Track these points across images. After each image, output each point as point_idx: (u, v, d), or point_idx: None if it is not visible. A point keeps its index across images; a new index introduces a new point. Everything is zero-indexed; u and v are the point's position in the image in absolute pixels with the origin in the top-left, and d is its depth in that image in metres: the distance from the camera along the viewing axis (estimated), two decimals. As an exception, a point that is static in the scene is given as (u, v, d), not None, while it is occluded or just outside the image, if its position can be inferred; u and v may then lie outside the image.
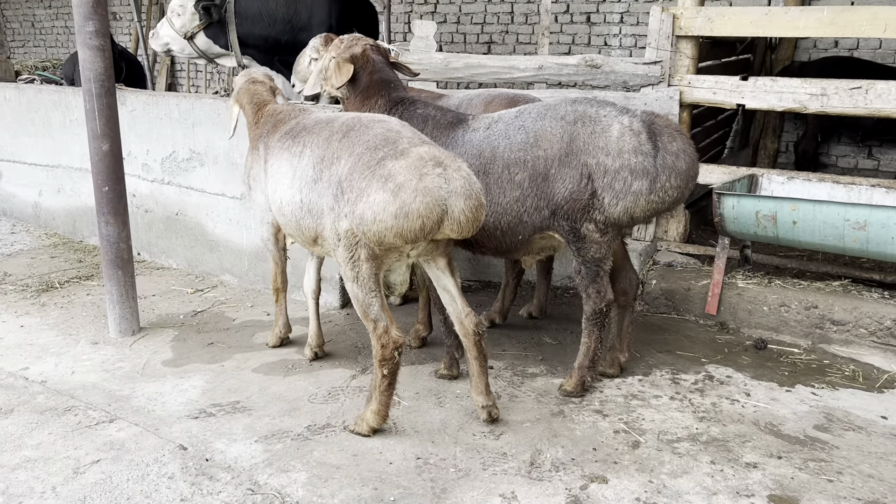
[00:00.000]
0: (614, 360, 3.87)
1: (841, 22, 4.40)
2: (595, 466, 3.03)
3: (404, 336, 3.17)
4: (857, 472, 3.00)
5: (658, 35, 4.88)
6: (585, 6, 9.31)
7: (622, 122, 3.33)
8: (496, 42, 10.08)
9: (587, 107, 3.42)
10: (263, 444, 3.18)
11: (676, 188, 3.31)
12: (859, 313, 4.22)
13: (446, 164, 2.89)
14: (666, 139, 3.31)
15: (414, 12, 10.54)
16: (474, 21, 10.17)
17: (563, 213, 3.38)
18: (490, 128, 3.55)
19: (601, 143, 3.29)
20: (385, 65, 3.87)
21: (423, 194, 2.79)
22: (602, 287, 3.49)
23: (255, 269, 5.10)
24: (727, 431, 3.33)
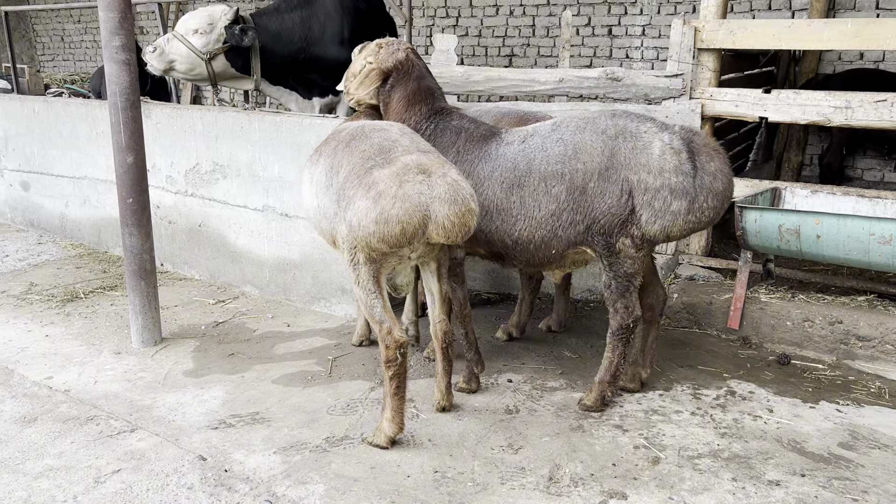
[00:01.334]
0: (636, 375, 3.82)
1: (865, 35, 4.35)
2: (614, 482, 3.00)
3: (407, 337, 3.23)
4: (882, 492, 2.94)
5: (679, 48, 4.86)
6: (607, 19, 9.31)
7: (663, 139, 3.30)
8: (517, 55, 10.10)
9: (627, 121, 3.39)
10: (282, 455, 3.19)
11: (713, 209, 3.31)
12: (885, 329, 4.15)
13: (431, 171, 3.00)
14: (704, 159, 3.30)
15: (436, 25, 10.60)
16: (496, 34, 10.20)
17: (599, 228, 3.35)
18: (526, 141, 3.54)
19: (643, 159, 3.27)
20: (428, 72, 3.88)
21: (401, 200, 2.93)
22: (631, 303, 3.47)
23: (275, 280, 5.14)
24: (749, 448, 3.28)
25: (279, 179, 4.91)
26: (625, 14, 9.17)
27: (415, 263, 3.35)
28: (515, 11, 9.96)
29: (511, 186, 3.47)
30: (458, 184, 3.01)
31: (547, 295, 5.01)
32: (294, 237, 4.95)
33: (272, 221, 5.03)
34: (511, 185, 3.47)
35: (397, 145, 3.16)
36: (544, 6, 9.67)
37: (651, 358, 3.86)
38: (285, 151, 4.82)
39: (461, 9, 10.35)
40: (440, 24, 10.57)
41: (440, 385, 3.55)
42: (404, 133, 3.31)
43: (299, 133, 4.72)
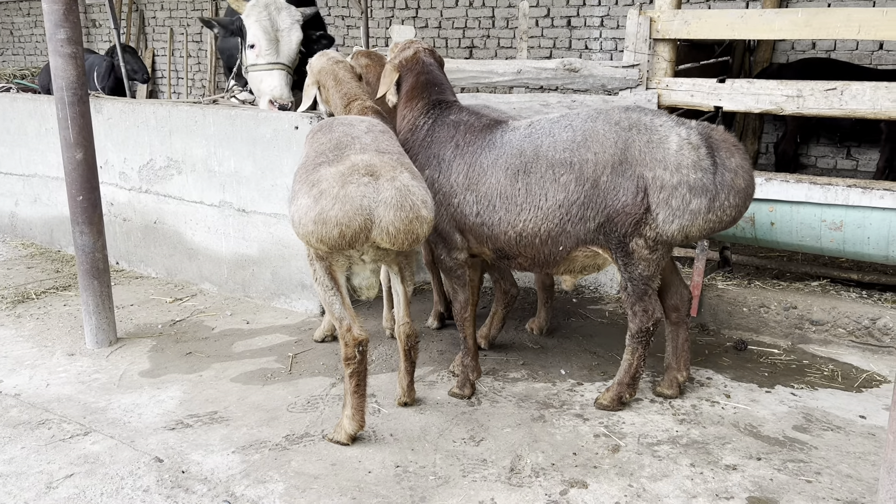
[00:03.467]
0: (672, 380, 3.65)
1: (815, 24, 4.42)
2: (575, 471, 3.02)
3: (367, 334, 3.13)
4: (835, 473, 3.01)
5: (635, 38, 4.88)
6: (566, 10, 9.34)
7: (680, 133, 3.16)
8: (478, 47, 10.09)
9: (641, 115, 3.25)
10: (241, 454, 3.14)
11: (735, 207, 3.15)
12: (837, 313, 4.24)
13: (380, 173, 2.90)
14: (724, 154, 3.15)
15: (395, 17, 10.53)
16: (455, 26, 10.18)
17: (611, 226, 3.20)
18: (532, 125, 3.42)
19: (659, 155, 3.12)
20: (436, 68, 3.83)
21: (341, 202, 2.83)
22: (649, 305, 3.33)
23: (234, 277, 5.06)
24: (707, 433, 3.32)
25: (235, 174, 4.82)
26: (583, 5, 9.21)
27: (372, 267, 3.24)
28: (475, 3, 9.94)
29: (516, 173, 3.31)
30: (408, 189, 2.91)
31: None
32: (252, 233, 4.88)
33: (229, 217, 4.95)
34: (517, 171, 3.31)
35: (355, 142, 3.08)
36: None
37: (685, 360, 3.65)
38: (241, 146, 4.74)
39: (420, 0, 10.29)
40: (400, 16, 10.50)
41: (402, 383, 3.52)
42: (371, 130, 3.21)
43: (255, 127, 4.64)
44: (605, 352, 4.22)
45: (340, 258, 3.11)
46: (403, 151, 3.27)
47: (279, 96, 4.97)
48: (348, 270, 3.23)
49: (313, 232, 2.88)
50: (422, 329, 4.56)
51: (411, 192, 2.92)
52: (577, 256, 3.38)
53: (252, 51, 5.06)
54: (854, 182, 4.55)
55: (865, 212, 3.82)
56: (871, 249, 3.86)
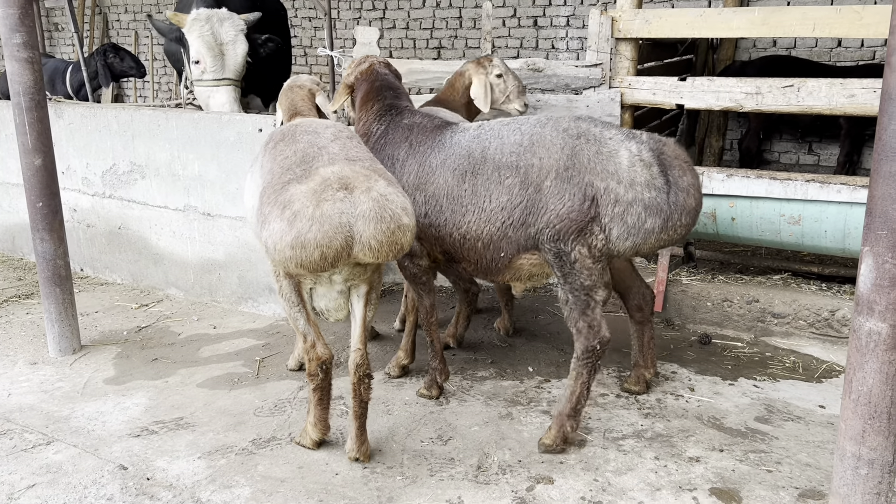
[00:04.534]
0: (640, 377, 3.65)
1: (772, 22, 4.51)
2: (541, 467, 3.05)
3: (330, 353, 3.03)
4: (795, 462, 3.07)
5: (598, 38, 4.93)
6: (532, 10, 9.40)
7: (630, 148, 3.07)
8: (446, 47, 10.11)
9: (590, 125, 3.19)
10: (207, 460, 3.12)
11: (685, 226, 3.10)
12: (798, 305, 4.33)
13: (354, 185, 2.74)
14: (677, 173, 3.07)
15: (362, 18, 10.52)
16: (423, 26, 10.19)
17: (552, 233, 3.08)
18: (482, 127, 3.40)
19: (611, 167, 3.02)
20: (392, 76, 3.91)
21: (318, 223, 2.65)
22: (594, 321, 3.13)
23: (200, 281, 5.02)
24: (671, 427, 3.37)
25: (200, 178, 4.79)
26: (549, 5, 9.27)
27: (340, 288, 3.02)
28: (442, 3, 9.96)
29: (464, 174, 3.27)
30: (386, 198, 2.75)
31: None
32: (218, 237, 4.84)
33: (194, 221, 4.91)
34: (464, 172, 3.27)
35: (322, 153, 2.93)
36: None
37: (651, 357, 3.66)
38: (205, 149, 4.71)
39: (388, 1, 10.29)
40: (367, 17, 10.48)
41: (350, 429, 3.09)
42: (338, 137, 3.08)
43: (218, 130, 4.61)
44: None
45: (309, 278, 2.95)
46: (374, 157, 3.14)
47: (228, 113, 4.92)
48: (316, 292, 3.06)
49: (292, 257, 2.69)
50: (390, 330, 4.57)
51: (390, 201, 2.76)
52: (523, 264, 3.28)
53: (197, 66, 4.94)
54: (813, 177, 4.64)
55: (822, 206, 3.90)
56: (828, 242, 3.94)
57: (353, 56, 5.18)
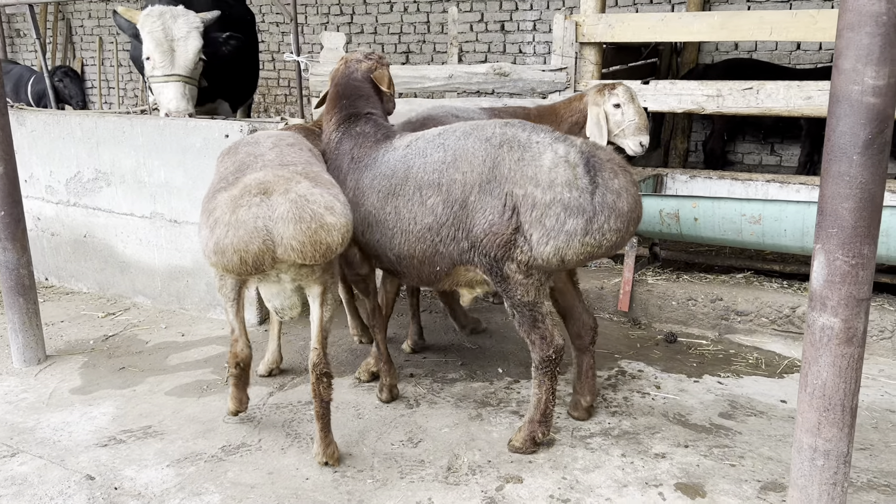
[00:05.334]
0: (577, 403, 3.51)
1: (731, 26, 4.62)
2: (511, 467, 3.08)
3: (248, 353, 3.32)
4: (757, 456, 3.14)
5: (562, 42, 5.01)
6: (499, 14, 9.47)
7: (557, 150, 2.93)
8: (414, 52, 10.14)
9: (518, 130, 3.04)
10: (175, 468, 3.11)
11: (616, 231, 2.89)
12: (761, 303, 4.42)
13: (273, 189, 2.76)
14: (608, 175, 2.91)
15: (330, 23, 10.51)
16: (391, 31, 10.21)
17: (482, 248, 2.99)
18: (410, 145, 3.25)
19: (530, 172, 2.90)
20: (359, 80, 3.58)
21: (234, 228, 2.70)
22: (546, 332, 3.06)
23: (168, 289, 4.98)
24: (638, 424, 3.43)
25: (166, 185, 4.75)
26: (516, 9, 9.36)
27: (293, 286, 3.05)
28: (409, 8, 10.00)
29: (387, 196, 3.18)
30: (305, 198, 2.75)
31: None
32: (185, 244, 4.81)
33: (161, 228, 4.87)
34: (387, 194, 3.18)
35: (257, 161, 2.98)
36: (437, 3, 9.75)
37: (589, 387, 3.47)
38: (171, 155, 4.68)
39: (355, 6, 10.30)
40: (335, 22, 10.48)
41: (317, 433, 3.09)
42: (277, 145, 3.12)
43: (185, 136, 4.58)
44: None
45: (252, 279, 3.03)
46: (315, 161, 3.14)
47: (175, 109, 4.85)
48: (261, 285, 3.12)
49: (217, 262, 2.78)
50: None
51: (310, 201, 2.75)
52: (460, 273, 3.18)
53: (149, 62, 4.94)
54: (773, 177, 4.77)
55: (782, 205, 4.00)
56: (787, 241, 4.04)
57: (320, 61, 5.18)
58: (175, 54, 4.87)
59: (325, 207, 2.78)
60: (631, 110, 4.11)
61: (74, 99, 8.76)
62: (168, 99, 4.88)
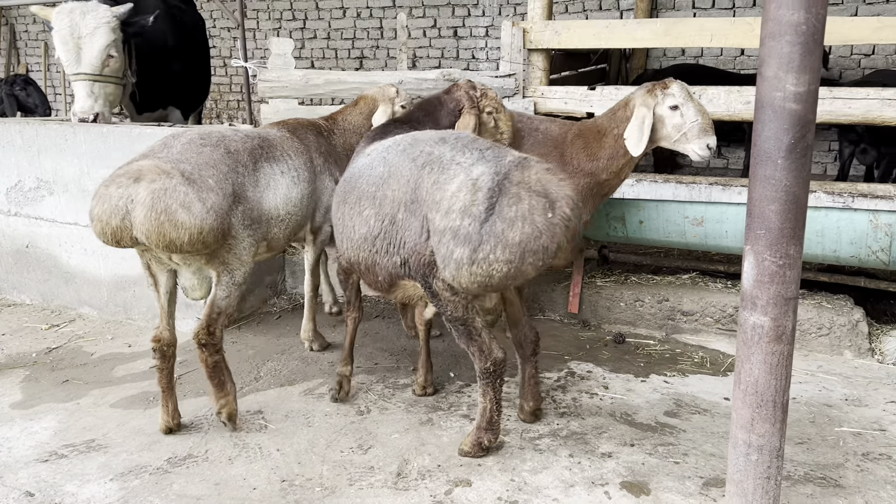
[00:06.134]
0: (521, 407, 3.54)
1: (673, 33, 4.72)
2: (460, 471, 3.10)
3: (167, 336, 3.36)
4: (700, 453, 3.22)
5: (511, 49, 5.06)
6: (452, 21, 9.53)
7: (470, 173, 2.85)
8: (367, 57, 10.14)
9: (447, 149, 3.01)
10: (119, 481, 3.05)
11: (506, 262, 2.71)
12: (706, 303, 4.53)
13: (143, 176, 2.96)
14: (507, 200, 2.73)
15: (283, 28, 10.44)
16: (344, 37, 10.19)
17: (410, 265, 3.03)
18: (370, 154, 3.34)
19: (438, 196, 2.87)
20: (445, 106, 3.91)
21: (101, 200, 2.96)
22: (483, 345, 3.06)
23: (115, 299, 4.88)
24: (586, 424, 3.48)
25: (111, 193, 4.66)
26: (468, 16, 9.43)
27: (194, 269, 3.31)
28: (363, 14, 9.99)
29: (339, 202, 3.35)
30: (166, 191, 2.90)
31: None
32: (132, 252, 4.71)
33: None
34: (340, 200, 3.35)
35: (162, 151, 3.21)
36: (390, 8, 9.76)
37: (532, 394, 3.49)
38: (116, 163, 4.55)
39: (308, 11, 10.26)
40: (287, 27, 10.42)
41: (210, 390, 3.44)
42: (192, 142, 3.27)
43: (129, 143, 4.51)
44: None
45: (146, 256, 3.30)
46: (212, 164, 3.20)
47: (79, 109, 4.70)
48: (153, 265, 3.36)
49: (92, 228, 3.05)
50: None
51: (169, 195, 2.91)
52: (411, 287, 3.19)
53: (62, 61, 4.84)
54: (716, 180, 4.87)
55: (723, 207, 4.10)
56: (729, 242, 4.15)
57: (268, 66, 5.15)
58: (81, 52, 4.70)
59: (181, 205, 2.93)
60: (691, 109, 3.72)
61: (40, 108, 8.50)
62: (77, 98, 4.74)
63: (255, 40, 10.53)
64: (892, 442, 3.30)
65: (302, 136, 3.99)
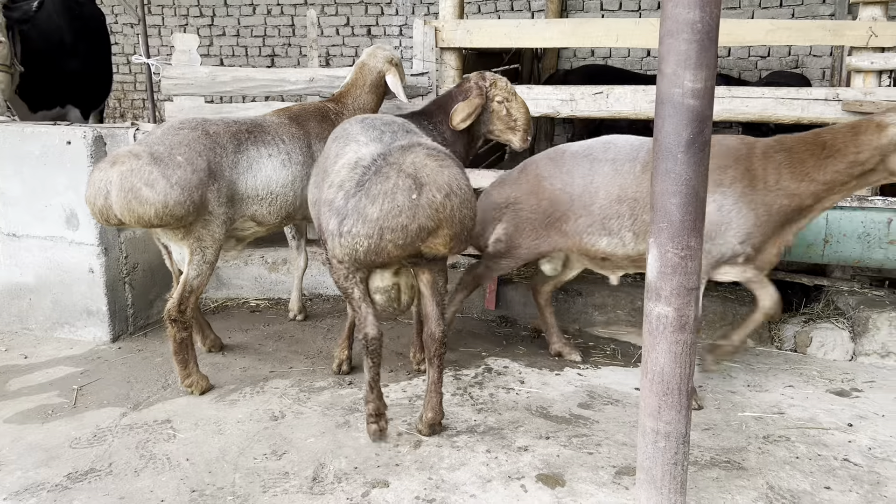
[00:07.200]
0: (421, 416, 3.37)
1: (580, 33, 4.83)
2: (377, 472, 3.06)
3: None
4: (613, 442, 3.29)
5: (423, 47, 5.05)
6: (365, 19, 9.46)
7: (359, 152, 3.04)
8: (280, 55, 9.94)
9: (359, 128, 3.22)
10: (13, 500, 2.86)
11: (366, 237, 2.86)
12: (616, 297, 4.65)
13: (117, 160, 3.34)
14: (376, 179, 2.87)
15: (189, 25, 10.11)
16: (255, 34, 9.96)
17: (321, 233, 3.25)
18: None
19: (331, 170, 3.13)
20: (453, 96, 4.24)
21: (89, 185, 3.38)
22: (359, 317, 3.21)
23: (8, 308, 4.59)
24: (502, 419, 3.51)
25: (1, 195, 4.39)
26: (381, 14, 9.38)
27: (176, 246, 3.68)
28: (273, 11, 9.79)
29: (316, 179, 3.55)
30: (132, 172, 3.29)
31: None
32: (26, 258, 4.46)
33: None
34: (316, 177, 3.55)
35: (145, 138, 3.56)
36: (302, 5, 9.61)
37: (432, 402, 3.31)
38: (5, 164, 4.32)
39: (216, 8, 9.97)
40: (195, 24, 10.10)
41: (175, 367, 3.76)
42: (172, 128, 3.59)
43: (21, 143, 4.25)
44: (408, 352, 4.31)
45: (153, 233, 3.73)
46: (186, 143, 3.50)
47: None
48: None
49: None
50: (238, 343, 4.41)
51: (135, 175, 3.29)
52: None
53: None
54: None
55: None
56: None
57: (172, 63, 4.97)
58: None
59: (145, 183, 3.30)
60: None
61: None
62: None
63: (161, 37, 10.15)
64: (790, 424, 3.47)
65: (303, 123, 4.11)
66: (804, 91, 4.54)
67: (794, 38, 4.68)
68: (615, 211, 3.69)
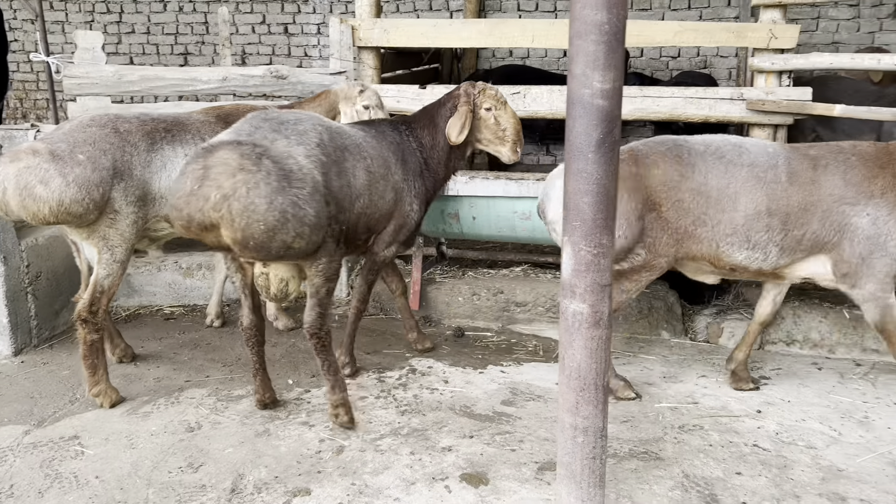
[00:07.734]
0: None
1: (497, 33, 4.86)
2: (299, 480, 3.00)
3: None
4: (535, 438, 3.33)
5: (340, 46, 4.99)
6: (281, 17, 9.28)
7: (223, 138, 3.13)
8: (193, 53, 9.64)
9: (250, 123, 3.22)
10: None
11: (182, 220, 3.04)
12: (537, 294, 4.71)
13: (16, 157, 3.31)
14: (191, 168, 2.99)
15: (96, 22, 9.68)
16: (166, 31, 9.63)
17: None
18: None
19: None
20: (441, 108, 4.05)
21: None
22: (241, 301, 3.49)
23: None
24: (426, 420, 3.49)
25: None
26: (298, 12, 9.22)
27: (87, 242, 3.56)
28: (185, 7, 9.49)
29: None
30: (28, 169, 3.25)
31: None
32: (-85, 270, 4.16)
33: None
34: None
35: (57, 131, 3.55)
36: (215, 2, 9.34)
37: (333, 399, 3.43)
38: None
39: (124, 4, 9.58)
40: (101, 20, 9.67)
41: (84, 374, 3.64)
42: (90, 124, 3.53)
43: None
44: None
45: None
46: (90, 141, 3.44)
47: None
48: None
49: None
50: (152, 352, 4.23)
51: (29, 172, 3.25)
52: None
53: None
54: (542, 176, 5.08)
55: (549, 201, 4.27)
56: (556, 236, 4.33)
57: (75, 62, 4.73)
58: None
59: (40, 180, 3.26)
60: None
61: None
62: None
63: (65, 34, 9.68)
64: (704, 413, 3.59)
65: (231, 122, 3.77)
66: (711, 91, 4.71)
67: (700, 40, 4.84)
68: (764, 224, 3.44)
